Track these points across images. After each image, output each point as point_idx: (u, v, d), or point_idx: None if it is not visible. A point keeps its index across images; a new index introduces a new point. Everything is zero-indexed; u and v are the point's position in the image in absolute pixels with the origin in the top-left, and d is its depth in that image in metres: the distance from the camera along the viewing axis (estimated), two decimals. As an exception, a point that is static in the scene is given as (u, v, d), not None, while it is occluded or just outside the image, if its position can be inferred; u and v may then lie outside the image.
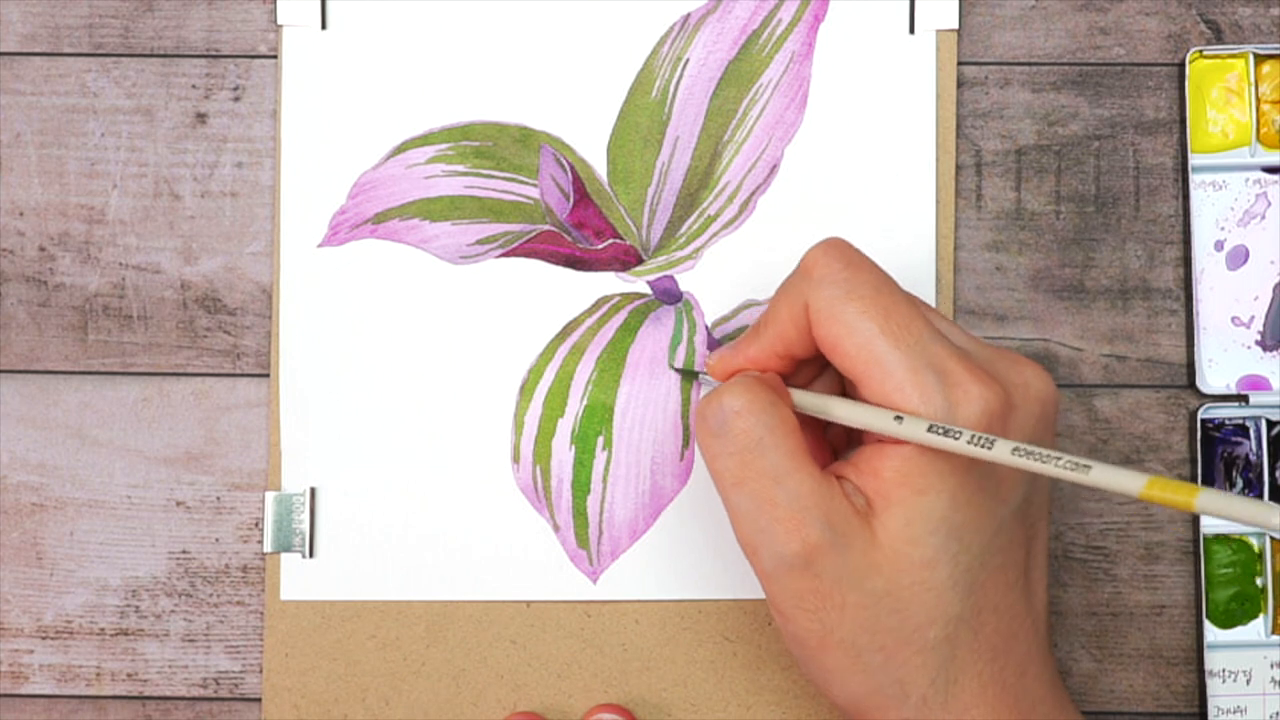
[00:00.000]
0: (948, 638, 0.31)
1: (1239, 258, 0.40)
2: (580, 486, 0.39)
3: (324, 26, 0.40)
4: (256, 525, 0.40)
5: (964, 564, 0.31)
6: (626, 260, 0.40)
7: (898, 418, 0.30)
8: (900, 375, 0.30)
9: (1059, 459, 0.29)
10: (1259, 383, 0.39)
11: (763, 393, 0.32)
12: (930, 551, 0.30)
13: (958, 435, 0.29)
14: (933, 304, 0.39)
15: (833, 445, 0.36)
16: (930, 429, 0.30)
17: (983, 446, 0.29)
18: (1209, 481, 0.39)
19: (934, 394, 0.30)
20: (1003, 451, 0.29)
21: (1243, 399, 0.39)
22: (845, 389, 0.35)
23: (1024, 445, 0.29)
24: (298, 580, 0.39)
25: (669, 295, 0.40)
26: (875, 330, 0.31)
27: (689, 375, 0.39)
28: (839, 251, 0.32)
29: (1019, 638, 0.32)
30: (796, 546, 0.31)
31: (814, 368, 0.35)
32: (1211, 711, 0.39)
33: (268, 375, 0.40)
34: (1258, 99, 0.40)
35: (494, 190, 0.40)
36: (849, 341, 0.31)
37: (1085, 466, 0.28)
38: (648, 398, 0.39)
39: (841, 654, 0.31)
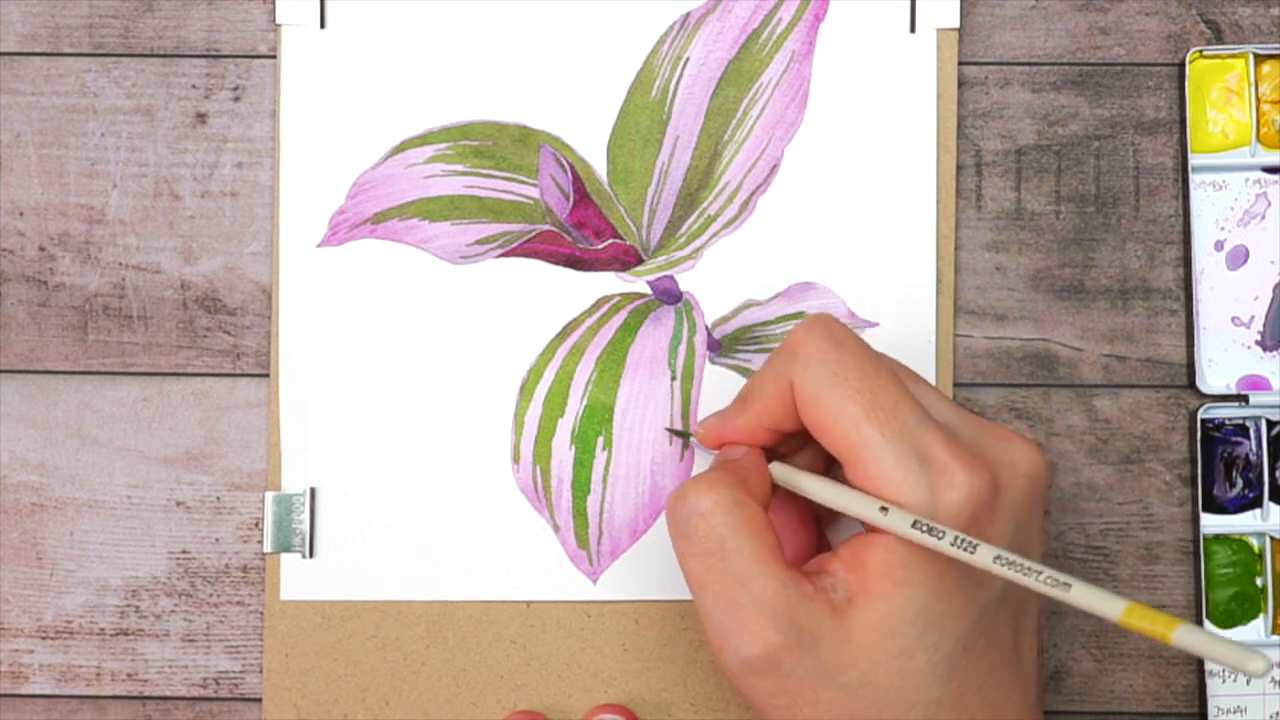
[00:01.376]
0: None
1: (1239, 258, 0.40)
2: (580, 486, 0.39)
3: (323, 26, 0.40)
4: (256, 525, 0.40)
5: (944, 650, 0.30)
6: (626, 260, 0.40)
7: (883, 509, 0.30)
8: (885, 462, 0.30)
9: (1040, 573, 0.28)
10: (1259, 383, 0.39)
11: (728, 491, 0.31)
12: (908, 642, 0.30)
13: (941, 535, 0.29)
14: (932, 304, 0.39)
15: (817, 513, 0.35)
16: (915, 524, 0.29)
17: (965, 550, 0.29)
18: (1209, 482, 0.39)
19: (918, 482, 0.30)
20: (985, 558, 0.29)
21: (1243, 399, 0.39)
22: (832, 463, 0.34)
23: (1006, 554, 0.29)
24: (298, 580, 0.39)
25: (669, 295, 0.40)
26: (860, 415, 0.30)
27: (681, 436, 0.39)
28: (826, 330, 0.32)
29: (1007, 709, 0.32)
30: (759, 649, 0.30)
31: (802, 437, 0.34)
32: (1211, 711, 0.39)
33: (268, 375, 0.40)
34: (1258, 99, 0.40)
35: (494, 190, 0.40)
36: (835, 425, 0.31)
37: (1065, 584, 0.28)
38: (648, 398, 0.39)
39: None
